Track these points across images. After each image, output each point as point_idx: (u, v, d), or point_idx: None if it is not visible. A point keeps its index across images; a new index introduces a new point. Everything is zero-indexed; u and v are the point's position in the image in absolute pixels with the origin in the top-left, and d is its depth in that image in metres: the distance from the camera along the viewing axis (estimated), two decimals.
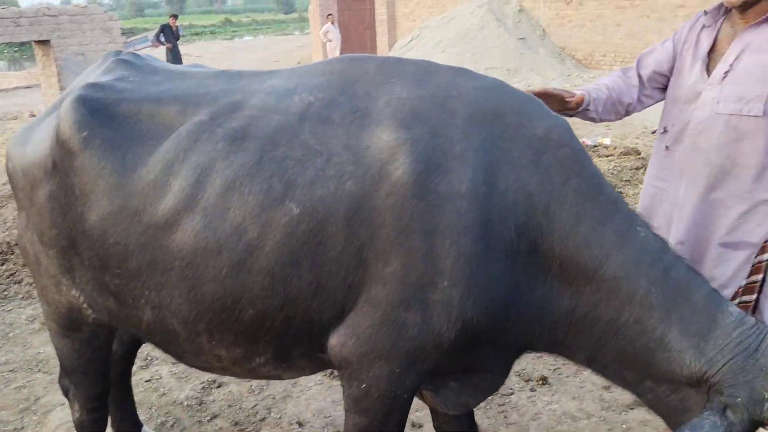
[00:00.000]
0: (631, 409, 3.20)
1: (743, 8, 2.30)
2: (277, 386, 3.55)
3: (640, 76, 2.62)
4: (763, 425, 1.69)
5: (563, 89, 2.55)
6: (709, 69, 2.40)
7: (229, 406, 3.41)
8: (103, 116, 2.06)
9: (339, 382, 3.58)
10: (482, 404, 3.24)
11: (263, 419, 3.30)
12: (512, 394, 3.39)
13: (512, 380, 3.47)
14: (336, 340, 1.93)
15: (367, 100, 1.93)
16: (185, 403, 3.43)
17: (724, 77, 2.33)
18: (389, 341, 1.86)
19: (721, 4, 2.40)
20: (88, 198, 2.05)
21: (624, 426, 3.11)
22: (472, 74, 2.02)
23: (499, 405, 3.30)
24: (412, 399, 2.02)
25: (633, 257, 1.81)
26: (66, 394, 2.64)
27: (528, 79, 14.25)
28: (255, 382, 3.57)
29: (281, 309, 1.94)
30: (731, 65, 2.32)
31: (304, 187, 1.86)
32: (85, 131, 2.04)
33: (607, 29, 14.83)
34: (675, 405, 1.81)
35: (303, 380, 3.57)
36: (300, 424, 3.24)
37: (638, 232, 1.84)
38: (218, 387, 3.57)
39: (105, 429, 2.65)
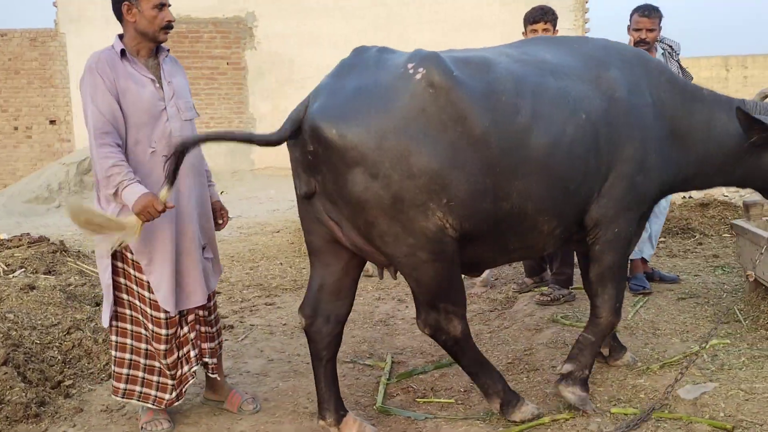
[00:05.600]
0: None
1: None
2: None
3: None
4: None
5: None
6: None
7: None
8: (452, 65, 2.75)
9: None
10: None
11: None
12: None
13: None
14: (597, 209, 3.05)
15: (578, 55, 3.14)
16: None
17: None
18: (630, 197, 3.09)
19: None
20: (466, 119, 2.69)
21: None
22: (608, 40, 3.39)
23: None
24: None
25: (704, 97, 3.36)
26: (435, 332, 2.93)
27: None
28: None
29: (582, 183, 2.96)
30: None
31: (581, 102, 2.95)
32: (454, 72, 2.72)
33: None
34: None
35: None
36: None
37: (702, 89, 3.41)
38: None
39: None
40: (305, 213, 2.97)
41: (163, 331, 3.16)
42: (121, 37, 3.19)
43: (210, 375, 3.41)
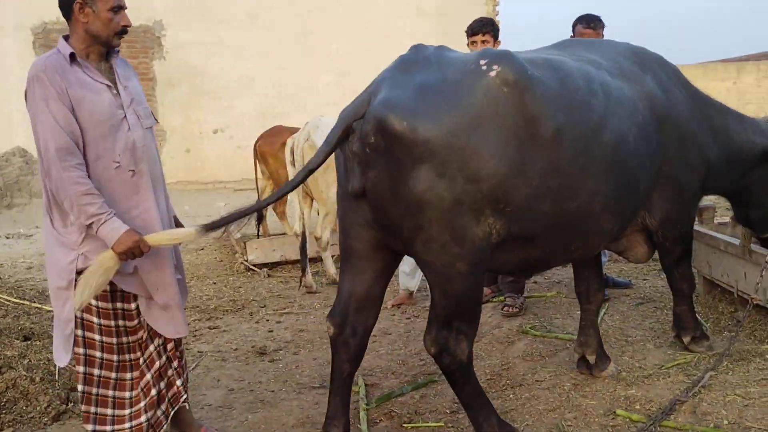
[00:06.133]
0: None
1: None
2: None
3: None
4: None
5: None
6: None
7: None
8: (525, 64, 2.64)
9: None
10: None
11: None
12: None
13: None
14: (656, 212, 3.26)
15: (616, 57, 3.20)
16: None
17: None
18: (682, 196, 3.30)
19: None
20: (539, 119, 2.59)
21: None
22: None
23: None
24: None
25: (716, 104, 3.60)
26: (441, 352, 2.71)
27: None
28: None
29: (641, 182, 3.04)
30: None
31: (636, 101, 3.02)
32: (528, 72, 2.61)
33: None
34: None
35: None
36: None
37: (711, 98, 3.60)
38: None
39: None
40: (349, 215, 2.81)
41: (116, 357, 2.85)
42: (66, 38, 2.79)
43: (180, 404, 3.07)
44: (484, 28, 4.92)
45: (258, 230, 7.76)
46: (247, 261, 6.84)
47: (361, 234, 2.79)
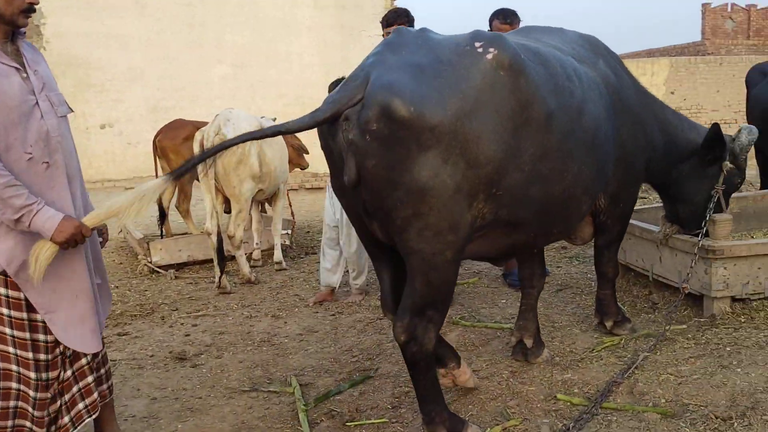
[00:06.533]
0: None
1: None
2: None
3: None
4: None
5: None
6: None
7: None
8: (517, 47, 2.66)
9: None
10: None
11: None
12: None
13: None
14: (608, 189, 3.35)
15: (572, 43, 3.29)
16: None
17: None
18: (629, 177, 3.45)
19: None
20: (533, 104, 2.60)
21: None
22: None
23: None
24: None
25: (654, 96, 3.74)
26: (409, 340, 2.66)
27: None
28: None
29: (609, 164, 3.17)
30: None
31: (599, 86, 3.12)
32: (521, 56, 2.62)
33: None
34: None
35: None
36: None
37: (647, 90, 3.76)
38: None
39: None
40: (353, 205, 2.74)
41: (33, 375, 2.55)
42: None
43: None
44: (399, 18, 4.89)
45: (161, 230, 7.38)
46: (151, 263, 6.48)
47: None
